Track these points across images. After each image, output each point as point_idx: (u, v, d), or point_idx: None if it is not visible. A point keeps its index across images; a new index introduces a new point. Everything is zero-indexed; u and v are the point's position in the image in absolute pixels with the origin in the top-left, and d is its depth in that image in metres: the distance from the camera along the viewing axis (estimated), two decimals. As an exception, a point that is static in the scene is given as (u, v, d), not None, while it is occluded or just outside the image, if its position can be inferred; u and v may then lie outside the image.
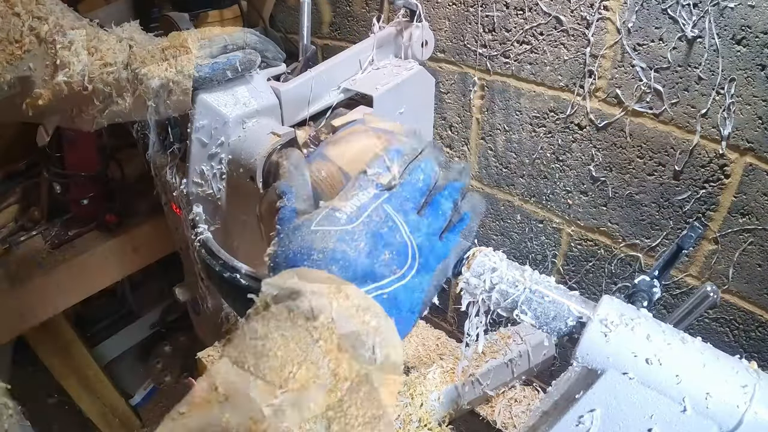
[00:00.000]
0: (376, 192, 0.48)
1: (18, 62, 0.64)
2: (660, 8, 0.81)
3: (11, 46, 0.63)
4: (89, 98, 0.71)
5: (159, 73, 0.73)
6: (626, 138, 0.93)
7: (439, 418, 0.96)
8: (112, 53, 0.71)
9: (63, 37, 0.67)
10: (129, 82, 0.73)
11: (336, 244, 0.43)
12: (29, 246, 1.38)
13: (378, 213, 0.46)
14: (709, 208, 0.88)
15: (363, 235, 0.45)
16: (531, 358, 1.06)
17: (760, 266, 0.87)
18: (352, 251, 0.43)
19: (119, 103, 0.74)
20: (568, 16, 0.91)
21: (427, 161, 0.52)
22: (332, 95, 0.95)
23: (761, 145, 0.80)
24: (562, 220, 1.09)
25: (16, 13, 0.63)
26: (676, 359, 0.46)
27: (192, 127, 0.82)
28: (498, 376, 1.03)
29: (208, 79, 0.77)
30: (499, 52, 1.03)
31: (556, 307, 0.54)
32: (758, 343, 0.92)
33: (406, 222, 0.47)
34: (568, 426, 0.51)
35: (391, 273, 0.44)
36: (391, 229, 0.46)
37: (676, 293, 0.99)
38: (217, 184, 0.87)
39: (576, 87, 0.95)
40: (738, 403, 0.44)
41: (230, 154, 0.84)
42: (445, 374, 1.00)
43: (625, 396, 0.48)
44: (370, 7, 1.22)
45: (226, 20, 1.32)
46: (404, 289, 0.45)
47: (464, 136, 1.18)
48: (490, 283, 0.57)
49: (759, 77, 0.76)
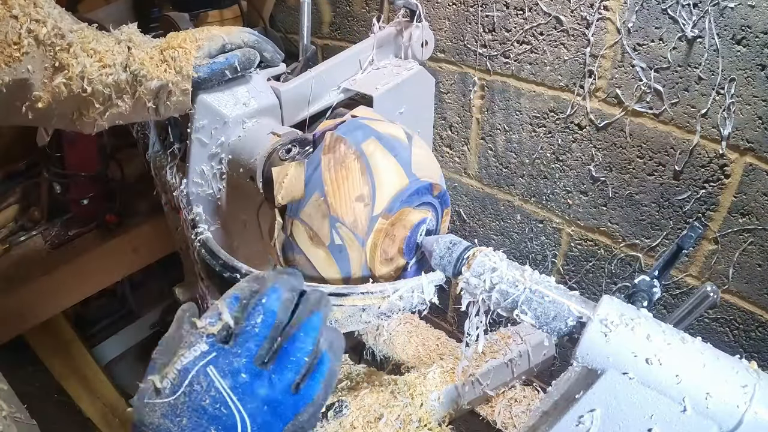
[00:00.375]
0: (204, 349, 0.42)
1: (16, 64, 0.64)
2: (660, 8, 0.81)
3: (9, 48, 0.63)
4: (89, 100, 0.71)
5: (158, 74, 0.73)
6: (626, 138, 0.93)
7: (439, 418, 0.96)
8: (110, 55, 0.71)
9: (61, 39, 0.67)
10: (128, 84, 0.73)
11: (161, 420, 0.40)
12: (29, 246, 1.38)
13: (199, 380, 0.41)
14: (709, 208, 0.88)
15: (185, 410, 0.41)
16: (531, 358, 1.06)
17: (760, 266, 0.87)
18: (176, 428, 0.40)
19: (119, 105, 0.74)
20: (568, 16, 0.91)
21: (272, 292, 0.45)
22: (332, 95, 0.95)
23: (761, 145, 0.80)
24: (562, 220, 1.09)
25: (14, 15, 0.63)
26: (676, 359, 0.46)
27: (192, 127, 0.82)
28: (498, 376, 1.03)
29: (206, 79, 0.77)
30: (499, 52, 1.03)
31: (556, 307, 0.54)
32: (758, 343, 0.92)
33: (232, 387, 0.41)
34: (568, 426, 0.51)
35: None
36: (215, 400, 0.41)
37: (676, 293, 0.99)
38: (217, 184, 0.87)
39: (576, 87, 0.95)
40: (738, 403, 0.44)
41: (230, 154, 0.84)
42: (445, 374, 1.00)
43: (625, 396, 0.48)
44: (370, 7, 1.22)
45: (226, 20, 1.31)
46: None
47: (464, 136, 1.18)
48: (490, 283, 0.57)
49: (759, 77, 0.76)
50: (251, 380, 0.42)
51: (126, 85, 0.73)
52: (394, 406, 0.91)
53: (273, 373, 0.42)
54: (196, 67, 0.76)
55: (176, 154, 1.00)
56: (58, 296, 1.36)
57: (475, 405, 1.03)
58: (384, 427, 0.87)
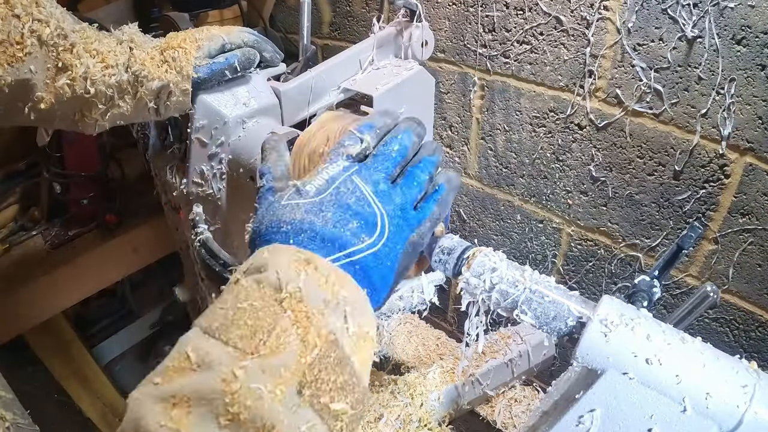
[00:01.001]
0: (346, 164, 0.48)
1: (19, 65, 0.64)
2: (660, 8, 0.81)
3: (12, 48, 0.63)
4: (92, 102, 0.71)
5: (159, 74, 0.73)
6: (626, 138, 0.93)
7: (439, 418, 0.96)
8: (113, 55, 0.71)
9: (64, 39, 0.67)
10: (130, 85, 0.73)
11: (304, 215, 0.44)
12: (29, 246, 1.38)
13: (346, 184, 0.47)
14: (709, 208, 0.88)
15: (330, 206, 0.45)
16: (531, 358, 1.06)
17: (760, 266, 0.87)
18: (320, 221, 0.44)
19: (121, 106, 0.74)
20: (568, 16, 0.91)
21: (406, 132, 0.52)
22: (332, 95, 0.95)
23: (761, 145, 0.80)
24: (562, 220, 1.09)
25: (16, 15, 0.63)
26: (676, 359, 0.46)
27: (192, 127, 0.82)
28: (498, 376, 1.03)
29: (206, 79, 0.78)
30: (499, 52, 1.03)
31: (556, 307, 0.54)
32: (758, 343, 0.92)
33: (374, 192, 0.47)
34: (568, 426, 0.51)
35: (359, 241, 0.44)
36: (359, 198, 0.46)
37: (676, 293, 0.99)
38: (217, 184, 0.87)
39: (576, 87, 0.95)
40: (738, 403, 0.44)
41: (230, 154, 0.84)
42: (445, 374, 1.00)
43: (625, 396, 0.48)
44: (370, 7, 1.22)
45: (226, 20, 1.32)
46: (374, 257, 0.45)
47: (464, 136, 1.18)
48: (490, 283, 0.57)
49: (759, 77, 0.76)
50: (388, 190, 0.48)
51: (127, 86, 0.73)
52: (394, 406, 0.91)
53: (402, 187, 0.49)
54: (196, 68, 0.76)
55: (176, 154, 1.00)
56: (58, 296, 1.36)
57: (475, 405, 1.03)
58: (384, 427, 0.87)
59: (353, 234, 0.44)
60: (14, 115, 0.69)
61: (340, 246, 0.44)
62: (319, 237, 0.43)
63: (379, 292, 0.46)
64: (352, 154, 0.49)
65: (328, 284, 0.40)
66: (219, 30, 0.80)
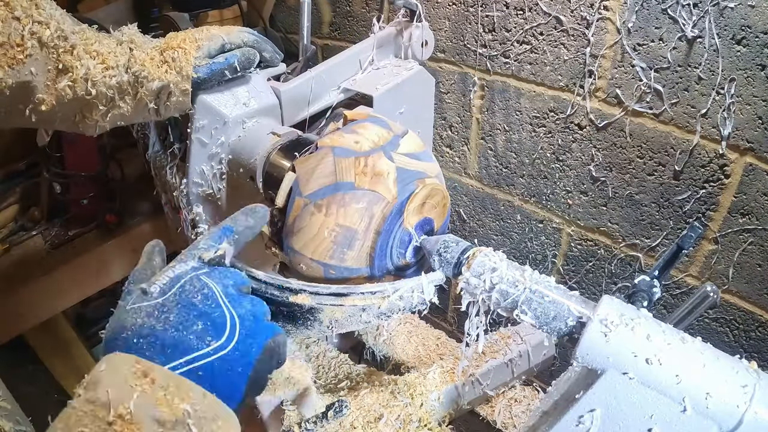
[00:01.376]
0: (195, 265, 0.46)
1: (19, 67, 0.64)
2: (660, 8, 0.81)
3: (12, 50, 0.63)
4: (93, 103, 0.71)
5: (159, 75, 0.73)
6: (626, 138, 0.93)
7: (439, 418, 0.96)
8: (113, 56, 0.71)
9: (64, 41, 0.67)
10: (130, 86, 0.73)
11: (144, 320, 0.42)
12: (29, 246, 1.38)
13: (192, 283, 0.44)
14: (709, 208, 0.88)
15: (174, 307, 0.42)
16: (531, 358, 1.06)
17: (760, 266, 0.87)
18: (160, 324, 0.41)
19: (121, 107, 0.74)
20: (568, 16, 0.91)
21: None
22: (332, 95, 0.95)
23: (761, 145, 0.80)
24: (562, 220, 1.09)
25: (17, 17, 0.63)
26: (676, 359, 0.46)
27: (192, 127, 0.82)
28: (498, 376, 1.03)
29: (206, 80, 0.77)
30: (499, 52, 1.03)
31: (556, 307, 0.54)
32: (758, 343, 0.92)
33: (225, 294, 0.44)
34: (568, 426, 0.51)
35: (205, 345, 0.41)
36: (207, 297, 0.43)
37: (676, 293, 0.99)
38: (217, 184, 0.87)
39: (576, 87, 0.95)
40: (738, 403, 0.44)
41: (230, 154, 0.84)
42: (445, 374, 1.00)
43: (625, 396, 0.48)
44: (370, 7, 1.22)
45: (226, 20, 1.31)
46: (222, 362, 0.41)
47: (464, 136, 1.18)
48: (490, 283, 0.57)
49: (759, 77, 0.76)
50: (239, 295, 0.46)
51: (128, 87, 0.73)
52: (394, 406, 0.91)
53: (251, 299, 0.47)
54: (195, 68, 0.76)
55: (176, 154, 1.00)
56: (58, 296, 1.36)
57: (475, 405, 1.03)
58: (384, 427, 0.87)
59: (198, 337, 0.42)
60: (15, 117, 0.69)
61: (182, 352, 0.41)
62: (159, 342, 0.41)
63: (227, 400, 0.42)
64: (204, 259, 0.47)
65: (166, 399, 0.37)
66: (219, 30, 0.80)
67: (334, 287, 0.62)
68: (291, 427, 0.72)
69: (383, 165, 0.66)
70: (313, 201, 0.65)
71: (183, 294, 0.43)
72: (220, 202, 0.89)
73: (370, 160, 0.66)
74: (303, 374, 0.73)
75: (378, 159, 0.67)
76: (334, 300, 0.61)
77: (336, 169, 0.66)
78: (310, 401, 0.76)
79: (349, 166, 0.65)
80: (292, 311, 0.61)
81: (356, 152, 0.67)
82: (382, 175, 0.66)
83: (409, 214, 0.68)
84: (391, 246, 0.67)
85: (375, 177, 0.65)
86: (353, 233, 0.65)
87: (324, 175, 0.66)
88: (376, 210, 0.65)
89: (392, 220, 0.66)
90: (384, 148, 0.68)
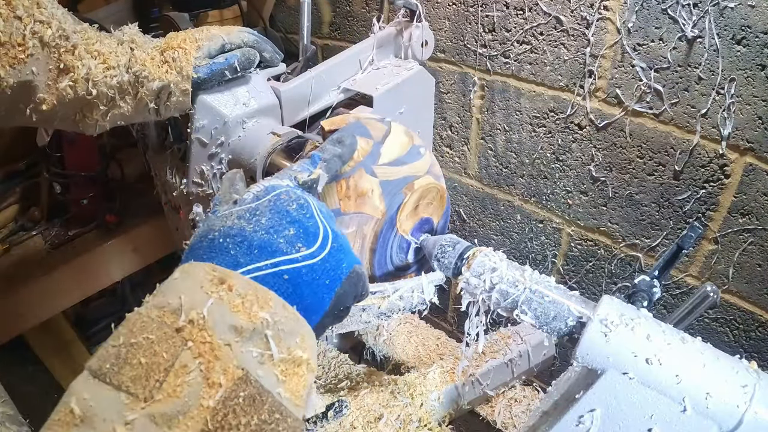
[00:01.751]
0: (291, 185, 0.45)
1: (21, 66, 0.64)
2: (660, 8, 0.81)
3: (14, 50, 0.63)
4: (93, 103, 0.71)
5: (159, 75, 0.73)
6: (626, 138, 0.93)
7: (439, 418, 0.96)
8: (114, 56, 0.71)
9: (66, 40, 0.67)
10: (130, 85, 0.73)
11: (234, 221, 0.40)
12: (29, 246, 1.38)
13: (289, 194, 0.42)
14: (709, 208, 0.88)
15: (266, 211, 0.40)
16: (531, 358, 1.06)
17: (760, 266, 0.87)
18: (250, 226, 0.39)
19: (121, 106, 0.74)
20: (568, 16, 0.91)
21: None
22: (332, 95, 0.95)
23: (761, 145, 0.80)
24: (562, 220, 1.09)
25: (18, 16, 0.63)
26: (676, 359, 0.46)
27: (192, 127, 0.82)
28: (498, 376, 1.03)
29: (206, 80, 0.78)
30: (499, 52, 1.03)
31: (556, 307, 0.54)
32: (758, 343, 0.92)
33: (320, 210, 0.43)
34: (568, 426, 0.51)
35: (294, 250, 0.39)
36: (302, 207, 0.41)
37: (676, 293, 0.99)
38: (217, 184, 0.87)
39: (576, 87, 0.95)
40: (738, 403, 0.44)
41: (230, 154, 0.84)
42: (445, 374, 1.00)
43: (625, 396, 0.48)
44: (370, 7, 1.22)
45: (226, 20, 1.32)
46: (309, 270, 0.39)
47: (464, 136, 1.18)
48: (490, 283, 0.57)
49: (759, 77, 0.76)
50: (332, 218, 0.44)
51: (128, 87, 0.73)
52: (394, 406, 0.91)
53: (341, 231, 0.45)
54: (195, 68, 0.76)
55: (176, 154, 1.00)
56: (58, 296, 1.36)
57: (475, 405, 1.03)
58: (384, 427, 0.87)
59: (288, 242, 0.39)
60: (16, 117, 0.69)
61: (269, 254, 0.38)
62: (246, 243, 0.38)
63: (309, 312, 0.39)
64: (299, 180, 0.46)
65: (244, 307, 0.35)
66: (219, 30, 0.80)
67: (334, 287, 0.62)
68: (291, 427, 0.72)
69: (365, 183, 0.63)
70: None
71: (278, 201, 0.41)
72: (220, 202, 0.89)
73: (351, 181, 0.63)
74: (303, 374, 0.73)
75: (359, 178, 0.63)
76: (334, 300, 0.61)
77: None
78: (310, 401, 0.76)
79: (331, 192, 0.63)
80: (293, 311, 0.60)
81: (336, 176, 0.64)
82: (366, 194, 0.63)
83: (403, 222, 0.67)
84: (389, 256, 0.67)
85: (359, 198, 0.63)
86: None
87: None
88: (367, 230, 0.64)
89: (385, 235, 0.65)
90: (364, 164, 0.64)
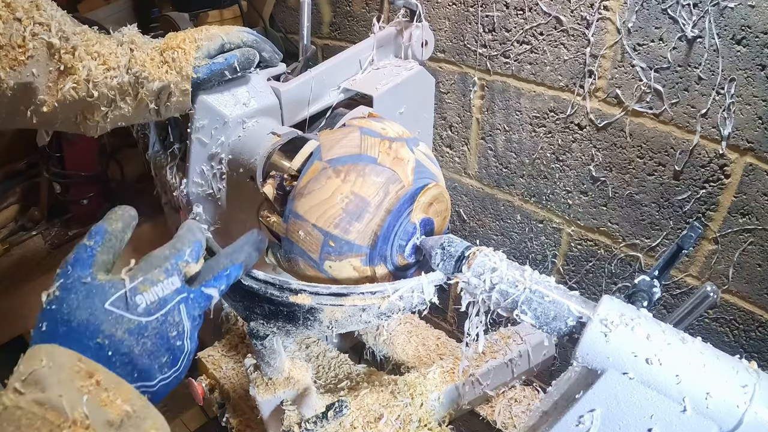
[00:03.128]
0: (179, 286, 0.47)
1: (21, 68, 0.64)
2: (660, 8, 0.81)
3: (14, 51, 0.63)
4: (94, 104, 0.71)
5: (159, 75, 0.73)
6: (626, 138, 0.93)
7: (439, 418, 0.96)
8: (114, 57, 0.71)
9: (66, 42, 0.67)
10: (131, 86, 0.73)
11: (125, 336, 0.43)
12: (29, 246, 1.38)
13: (173, 315, 0.46)
14: (709, 208, 0.88)
15: (153, 335, 0.44)
16: (531, 358, 1.06)
17: (760, 266, 0.87)
18: (138, 349, 0.43)
19: (122, 107, 0.74)
20: (568, 16, 0.91)
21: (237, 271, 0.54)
22: (332, 95, 0.95)
23: (761, 145, 0.80)
24: (562, 220, 1.09)
25: (18, 18, 0.63)
26: (676, 359, 0.46)
27: (192, 127, 0.82)
28: (498, 376, 1.03)
29: (206, 80, 0.77)
30: (499, 52, 1.03)
31: (556, 307, 0.54)
32: (758, 343, 0.92)
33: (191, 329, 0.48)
34: (568, 426, 0.51)
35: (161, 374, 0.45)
36: (180, 334, 0.46)
37: (676, 293, 0.99)
38: (217, 184, 0.87)
39: (576, 87, 0.95)
40: (738, 403, 0.44)
41: (230, 154, 0.84)
42: (445, 374, 1.00)
43: (625, 396, 0.48)
44: (370, 7, 1.22)
45: (226, 20, 1.32)
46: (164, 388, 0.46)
47: (464, 136, 1.18)
48: (490, 283, 0.57)
49: (759, 77, 0.76)
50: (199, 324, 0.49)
51: (128, 88, 0.73)
52: (394, 406, 0.91)
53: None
54: (195, 68, 0.76)
55: (176, 154, 1.00)
56: (58, 296, 1.36)
57: (475, 405, 1.03)
58: (384, 427, 0.86)
59: (159, 367, 0.45)
60: (16, 119, 0.69)
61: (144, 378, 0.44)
62: (131, 366, 0.43)
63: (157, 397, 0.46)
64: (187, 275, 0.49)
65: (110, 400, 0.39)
66: (218, 30, 0.80)
67: (335, 287, 0.62)
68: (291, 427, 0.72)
69: (405, 153, 0.69)
70: (333, 166, 0.66)
71: (164, 324, 0.45)
72: (220, 202, 0.89)
73: (394, 144, 0.68)
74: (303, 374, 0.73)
75: (401, 146, 0.69)
76: (334, 300, 0.61)
77: (361, 144, 0.67)
78: (310, 401, 0.76)
79: (374, 143, 0.67)
80: (292, 311, 0.61)
81: (382, 135, 0.69)
82: (403, 160, 0.68)
83: (418, 207, 0.68)
84: (396, 232, 0.67)
85: (396, 159, 0.67)
86: (366, 205, 0.64)
87: (349, 145, 0.67)
88: (392, 189, 0.66)
89: (403, 204, 0.67)
90: (407, 141, 0.70)
